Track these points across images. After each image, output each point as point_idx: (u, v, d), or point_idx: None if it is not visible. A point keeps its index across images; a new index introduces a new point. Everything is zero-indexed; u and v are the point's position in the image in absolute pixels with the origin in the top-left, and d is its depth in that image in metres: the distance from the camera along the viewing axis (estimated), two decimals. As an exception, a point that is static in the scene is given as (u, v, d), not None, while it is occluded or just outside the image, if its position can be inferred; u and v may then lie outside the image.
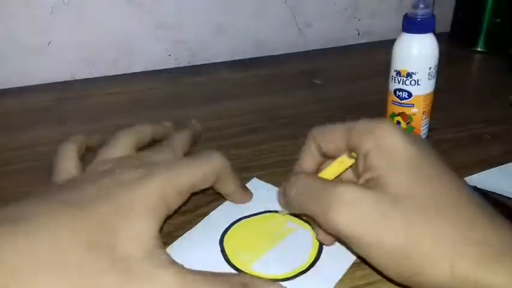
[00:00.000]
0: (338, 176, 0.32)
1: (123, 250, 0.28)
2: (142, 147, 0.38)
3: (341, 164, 0.31)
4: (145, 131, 0.39)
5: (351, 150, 0.31)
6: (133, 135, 0.38)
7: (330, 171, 0.32)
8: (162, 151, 0.37)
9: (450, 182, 0.28)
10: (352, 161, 0.31)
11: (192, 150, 0.42)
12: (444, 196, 0.27)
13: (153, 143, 0.40)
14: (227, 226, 0.37)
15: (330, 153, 0.33)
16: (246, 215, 0.38)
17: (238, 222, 0.37)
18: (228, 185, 0.37)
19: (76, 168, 0.36)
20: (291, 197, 0.31)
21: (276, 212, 0.38)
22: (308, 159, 0.34)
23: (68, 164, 0.36)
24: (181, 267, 0.29)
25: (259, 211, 0.38)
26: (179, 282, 0.28)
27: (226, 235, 0.36)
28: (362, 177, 0.29)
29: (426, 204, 0.26)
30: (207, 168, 0.34)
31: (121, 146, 0.37)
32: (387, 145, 0.29)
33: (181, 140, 0.40)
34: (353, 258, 0.33)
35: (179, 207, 0.34)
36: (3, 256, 0.25)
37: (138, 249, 0.29)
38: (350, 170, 0.33)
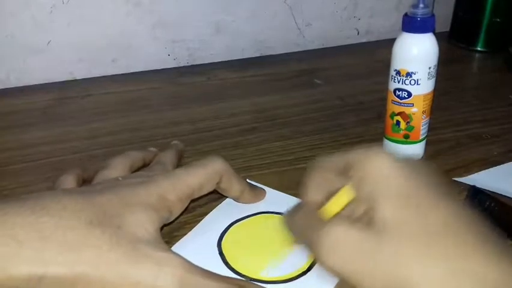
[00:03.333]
0: (343, 208, 0.30)
1: (128, 231, 0.29)
2: (134, 172, 0.40)
3: (342, 197, 0.30)
4: (137, 156, 0.41)
5: (347, 181, 0.29)
6: (127, 158, 0.39)
7: (333, 206, 0.30)
8: (155, 169, 0.38)
9: (446, 209, 0.26)
10: (353, 194, 0.29)
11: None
12: (438, 225, 0.25)
13: (143, 167, 0.41)
14: (223, 230, 0.37)
15: (333, 186, 0.31)
16: (240, 217, 0.38)
17: (234, 225, 0.37)
18: (232, 188, 0.38)
19: None
20: (294, 231, 0.31)
21: (269, 213, 0.38)
22: (313, 190, 0.32)
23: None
24: (184, 259, 0.30)
25: (252, 213, 0.38)
26: (186, 268, 0.29)
27: (223, 239, 0.36)
28: (356, 210, 0.28)
29: (416, 235, 0.25)
30: (204, 174, 0.35)
31: (118, 168, 0.38)
32: (377, 174, 0.27)
33: (168, 157, 0.41)
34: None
35: (180, 215, 0.35)
36: (14, 231, 0.26)
37: (142, 233, 0.30)
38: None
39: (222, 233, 0.36)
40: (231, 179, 0.37)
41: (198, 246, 0.35)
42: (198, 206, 0.39)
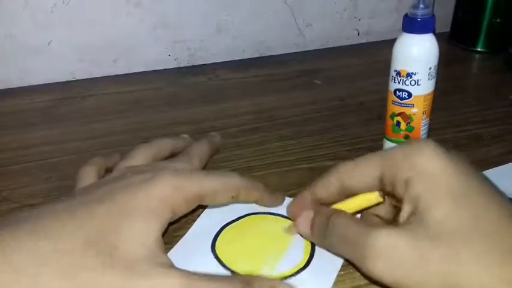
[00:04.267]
0: (360, 211, 0.30)
1: (124, 250, 0.28)
2: (160, 160, 0.39)
3: (367, 201, 0.29)
4: (164, 145, 0.40)
5: (386, 180, 0.29)
6: (152, 147, 0.39)
7: (351, 205, 0.30)
8: (179, 160, 0.37)
9: (499, 211, 0.25)
10: (380, 200, 0.29)
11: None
12: (493, 229, 0.24)
13: (172, 156, 0.40)
14: (215, 234, 0.36)
15: (355, 190, 0.31)
16: (231, 220, 0.37)
17: (225, 228, 0.37)
18: (251, 199, 0.37)
19: None
20: (329, 242, 0.30)
21: (260, 213, 0.38)
22: (325, 190, 0.32)
23: (87, 184, 0.36)
24: (183, 270, 0.29)
25: (243, 214, 0.38)
26: (184, 277, 0.28)
27: (217, 243, 0.35)
28: (403, 210, 0.27)
29: (470, 240, 0.24)
30: (217, 184, 0.34)
31: (139, 157, 0.37)
32: (429, 172, 0.26)
33: (198, 150, 0.40)
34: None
35: (186, 215, 0.34)
36: (11, 257, 0.26)
37: (139, 250, 0.29)
38: (387, 204, 0.30)
39: (215, 237, 0.36)
40: (248, 192, 0.36)
41: (191, 253, 0.34)
42: (199, 206, 0.38)
